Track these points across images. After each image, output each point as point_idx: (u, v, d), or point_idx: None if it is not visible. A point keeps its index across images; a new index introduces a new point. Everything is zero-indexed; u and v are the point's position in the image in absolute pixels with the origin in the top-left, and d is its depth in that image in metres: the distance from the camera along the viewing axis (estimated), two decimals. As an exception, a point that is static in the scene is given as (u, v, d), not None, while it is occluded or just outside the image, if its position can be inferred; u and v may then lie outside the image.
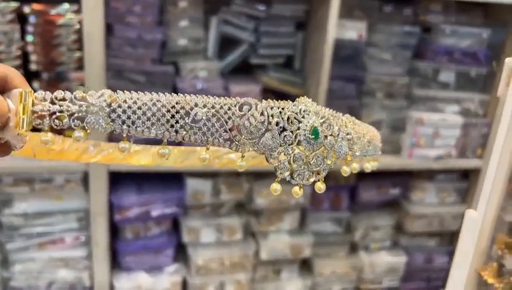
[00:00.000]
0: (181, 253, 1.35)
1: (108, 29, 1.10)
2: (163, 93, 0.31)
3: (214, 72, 1.21)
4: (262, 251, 1.35)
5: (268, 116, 0.32)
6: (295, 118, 0.33)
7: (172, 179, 1.27)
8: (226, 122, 0.31)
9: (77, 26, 1.07)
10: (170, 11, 1.14)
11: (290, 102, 0.33)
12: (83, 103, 0.30)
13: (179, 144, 0.35)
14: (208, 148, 0.33)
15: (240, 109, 0.31)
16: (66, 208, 1.19)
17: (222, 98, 0.31)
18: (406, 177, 1.46)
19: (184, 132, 0.31)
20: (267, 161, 0.33)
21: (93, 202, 1.16)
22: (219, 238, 1.33)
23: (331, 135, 0.35)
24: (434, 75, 1.35)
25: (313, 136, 0.34)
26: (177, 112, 0.30)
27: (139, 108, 0.30)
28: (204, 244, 1.32)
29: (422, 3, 1.33)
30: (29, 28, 1.06)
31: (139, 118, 0.30)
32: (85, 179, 1.17)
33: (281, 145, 0.33)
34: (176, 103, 0.31)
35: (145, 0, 1.10)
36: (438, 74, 1.35)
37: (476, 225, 0.51)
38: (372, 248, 1.50)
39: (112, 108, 0.30)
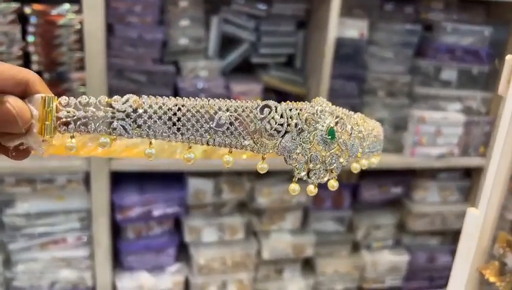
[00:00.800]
0: (183, 252, 1.35)
1: (109, 29, 1.10)
2: (188, 98, 0.31)
3: (215, 72, 1.21)
4: (264, 250, 1.35)
5: (287, 118, 0.33)
6: (312, 119, 0.34)
7: (174, 179, 1.27)
8: (248, 125, 0.32)
9: (78, 27, 1.07)
10: (171, 11, 1.14)
11: (308, 103, 0.34)
12: (108, 108, 0.30)
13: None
14: (230, 151, 0.33)
15: (261, 112, 0.32)
16: (68, 208, 1.19)
17: (243, 101, 0.32)
18: (408, 176, 1.45)
19: (208, 136, 0.31)
20: (286, 162, 0.34)
21: (95, 201, 1.16)
22: (221, 238, 1.33)
23: (345, 134, 0.35)
24: (436, 73, 1.35)
25: (330, 136, 0.34)
26: (202, 116, 0.31)
27: (165, 113, 0.30)
28: (206, 243, 1.32)
29: (423, 1, 1.32)
30: (30, 29, 1.06)
31: (164, 123, 0.31)
32: (87, 179, 1.17)
33: (299, 146, 0.34)
34: (201, 108, 0.31)
35: (146, 0, 1.10)
36: (439, 72, 1.35)
37: (477, 223, 0.51)
38: (374, 247, 1.50)
39: (138, 114, 0.30)
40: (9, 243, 1.18)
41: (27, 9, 1.05)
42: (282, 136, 0.33)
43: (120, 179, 1.21)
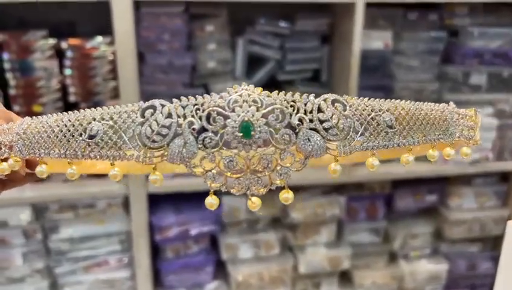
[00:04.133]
0: (220, 270, 1.37)
1: (140, 57, 1.14)
2: (68, 112, 0.29)
3: (243, 91, 1.23)
4: (301, 264, 1.36)
5: (177, 118, 0.27)
6: (219, 114, 0.27)
7: (208, 198, 1.29)
8: (125, 133, 0.27)
9: (111, 57, 1.12)
10: (198, 36, 1.18)
11: (215, 95, 0.27)
12: (14, 133, 0.30)
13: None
14: (112, 164, 0.28)
15: (142, 115, 0.27)
16: (109, 231, 1.24)
17: (127, 105, 0.28)
18: (442, 183, 1.43)
19: (82, 150, 0.28)
20: (189, 170, 0.28)
21: (134, 224, 1.20)
22: (257, 254, 1.35)
23: (286, 126, 0.27)
24: (464, 78, 1.33)
25: (241, 134, 0.26)
26: (76, 129, 0.28)
27: (47, 131, 0.29)
28: (243, 260, 1.34)
29: (447, 7, 1.32)
30: (67, 62, 1.12)
31: (50, 141, 0.29)
32: (125, 203, 1.21)
33: (202, 150, 0.27)
34: (76, 120, 0.28)
35: (174, 28, 1.14)
36: (468, 77, 1.34)
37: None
38: (411, 256, 1.48)
39: (26, 135, 0.29)
40: (56, 268, 1.23)
41: (63, 45, 1.11)
42: (171, 141, 0.27)
43: (157, 201, 1.25)
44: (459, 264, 1.48)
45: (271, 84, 1.29)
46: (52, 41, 1.11)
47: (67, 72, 1.12)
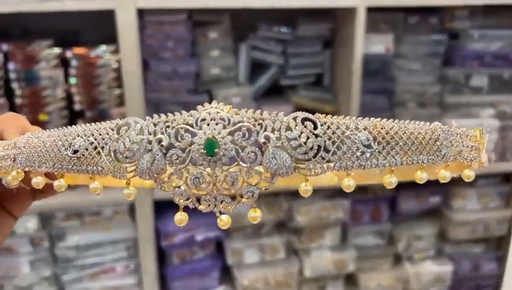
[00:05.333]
0: (226, 275, 1.37)
1: (145, 65, 1.15)
2: (60, 128, 0.31)
3: (247, 97, 1.24)
4: (306, 268, 1.36)
5: (148, 135, 0.27)
6: (187, 131, 0.27)
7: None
8: (103, 149, 0.28)
9: (115, 66, 1.13)
10: (201, 43, 1.19)
11: (185, 113, 0.27)
12: (8, 149, 0.32)
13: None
14: (91, 178, 0.30)
15: (118, 132, 0.28)
16: (115, 238, 1.24)
17: (107, 122, 0.29)
18: (445, 185, 1.44)
19: (67, 164, 0.29)
20: (158, 186, 0.28)
21: (140, 230, 1.21)
22: (262, 258, 1.35)
23: (252, 144, 0.27)
24: (466, 80, 1.35)
25: (205, 151, 0.26)
26: (63, 144, 0.29)
27: (39, 146, 0.31)
28: (249, 264, 1.35)
29: (447, 11, 1.33)
30: (72, 71, 1.13)
31: (38, 155, 0.31)
32: (131, 210, 1.22)
33: (170, 167, 0.27)
34: (64, 135, 0.30)
35: (177, 35, 1.15)
36: (469, 79, 1.35)
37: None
38: (416, 258, 1.48)
39: (18, 152, 0.31)
40: (63, 275, 1.23)
41: (68, 54, 1.12)
42: (141, 157, 0.27)
43: (163, 207, 1.25)
44: (463, 265, 1.49)
45: (274, 89, 1.30)
46: (57, 50, 1.12)
47: (72, 80, 1.13)
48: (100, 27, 1.14)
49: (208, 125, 0.27)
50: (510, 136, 1.36)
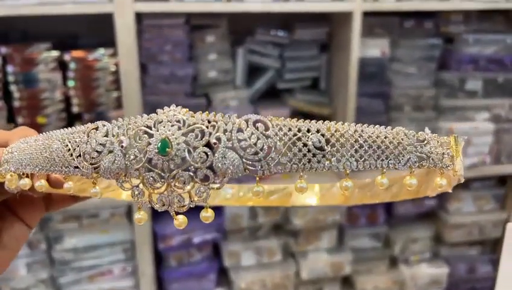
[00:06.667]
0: (223, 277, 1.38)
1: (143, 68, 1.16)
2: (44, 133, 0.33)
3: (244, 100, 1.25)
4: (303, 270, 1.37)
5: (112, 136, 0.28)
6: (146, 133, 0.28)
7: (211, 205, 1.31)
8: (74, 150, 0.30)
9: (113, 69, 1.14)
10: (199, 47, 1.20)
11: (146, 116, 0.29)
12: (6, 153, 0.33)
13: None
14: (65, 178, 0.33)
15: (88, 135, 0.29)
16: (113, 241, 1.25)
17: (82, 126, 0.30)
18: (441, 188, 1.45)
19: (47, 165, 0.31)
20: (119, 185, 0.29)
21: (137, 233, 1.21)
22: (259, 261, 1.36)
23: (204, 145, 0.27)
24: (461, 84, 1.36)
25: (158, 151, 0.27)
26: (45, 148, 0.31)
27: (27, 149, 0.33)
28: (246, 267, 1.35)
29: (443, 15, 1.35)
30: (70, 74, 1.13)
31: (25, 158, 0.32)
32: (129, 212, 1.22)
33: (129, 166, 0.28)
34: (45, 139, 0.31)
35: (175, 39, 1.16)
36: (464, 83, 1.36)
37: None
38: (412, 260, 1.49)
39: (10, 156, 0.33)
40: (60, 278, 1.23)
41: (66, 57, 1.12)
42: (104, 157, 0.28)
43: (160, 210, 1.26)
44: (459, 267, 1.50)
45: (271, 93, 1.31)
46: (55, 53, 1.12)
47: (71, 83, 1.14)
48: (99, 31, 1.15)
49: (164, 127, 0.28)
50: (505, 140, 1.38)
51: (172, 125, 0.28)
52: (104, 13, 1.05)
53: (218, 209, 1.31)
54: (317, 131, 0.28)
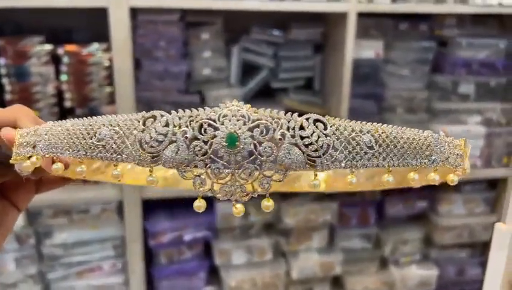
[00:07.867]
0: (214, 276, 1.37)
1: (137, 64, 1.15)
2: (82, 118, 0.32)
3: (238, 99, 1.24)
4: (293, 270, 1.37)
5: (173, 127, 0.29)
6: (210, 126, 0.29)
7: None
8: (128, 138, 0.30)
9: (107, 64, 1.14)
10: (193, 44, 1.19)
11: (208, 109, 0.30)
12: (32, 135, 0.33)
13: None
14: (115, 165, 0.33)
15: (144, 124, 0.30)
16: (103, 237, 1.24)
17: (134, 114, 0.31)
18: (432, 190, 1.46)
19: (91, 151, 0.31)
20: (180, 174, 0.30)
21: (128, 229, 1.20)
22: (250, 260, 1.36)
23: (269, 140, 0.29)
24: (453, 87, 1.37)
25: (227, 144, 0.29)
26: (88, 133, 0.31)
27: (63, 134, 0.32)
28: (236, 266, 1.35)
29: (437, 19, 1.35)
30: (63, 68, 1.13)
31: (61, 142, 0.32)
32: (119, 208, 1.22)
33: (194, 157, 0.29)
34: (89, 125, 0.31)
35: (170, 35, 1.16)
36: (457, 86, 1.37)
37: (505, 238, 0.53)
38: (402, 262, 1.50)
39: (37, 140, 0.33)
40: (48, 273, 1.22)
41: (60, 51, 1.12)
42: (166, 147, 0.29)
43: (151, 206, 1.25)
44: (448, 269, 1.51)
45: (265, 92, 1.31)
46: (48, 47, 1.12)
47: (63, 77, 1.13)
48: (93, 25, 1.15)
49: (230, 121, 0.29)
50: (496, 143, 1.39)
51: (238, 120, 0.29)
52: (99, 7, 1.04)
53: (209, 208, 1.30)
54: (368, 132, 0.31)
